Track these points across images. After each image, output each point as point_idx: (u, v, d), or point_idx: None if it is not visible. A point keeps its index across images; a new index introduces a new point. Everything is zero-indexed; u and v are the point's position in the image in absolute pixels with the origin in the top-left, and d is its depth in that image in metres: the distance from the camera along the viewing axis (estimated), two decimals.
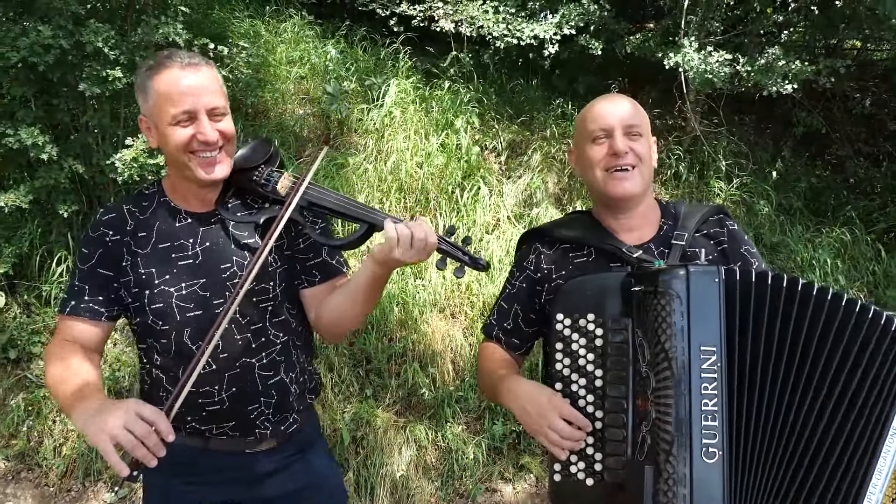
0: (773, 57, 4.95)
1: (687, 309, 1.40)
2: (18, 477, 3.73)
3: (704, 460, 1.35)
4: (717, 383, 1.37)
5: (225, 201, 1.72)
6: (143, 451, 1.35)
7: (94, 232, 1.71)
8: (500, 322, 1.81)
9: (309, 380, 1.86)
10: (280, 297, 1.75)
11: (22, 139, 3.74)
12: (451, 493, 3.81)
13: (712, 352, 1.38)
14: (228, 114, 1.66)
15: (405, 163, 5.08)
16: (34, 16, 3.89)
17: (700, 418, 1.36)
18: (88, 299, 1.69)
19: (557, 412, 1.48)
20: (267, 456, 1.78)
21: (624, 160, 1.64)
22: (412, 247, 1.50)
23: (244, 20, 5.92)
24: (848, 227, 5.55)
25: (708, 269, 1.44)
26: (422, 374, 4.17)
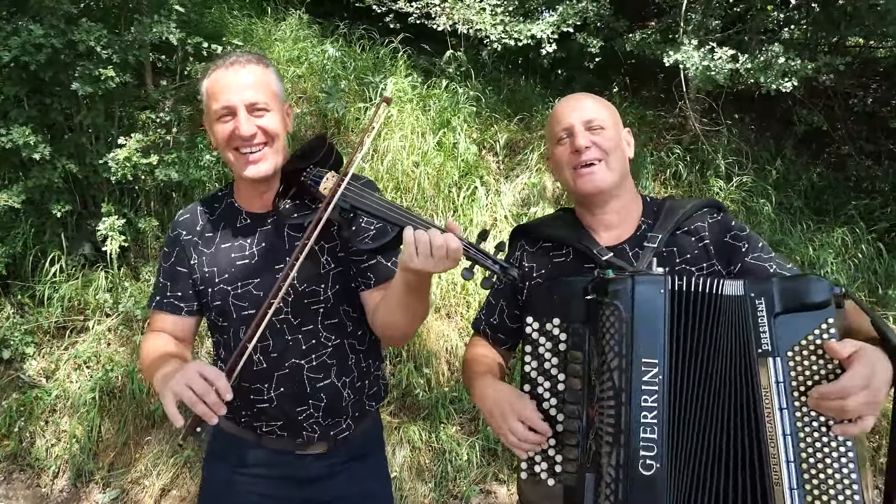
0: (772, 54, 4.90)
1: (631, 320, 1.40)
2: (10, 478, 3.72)
3: (641, 472, 1.35)
4: (657, 395, 1.37)
5: (283, 202, 1.71)
6: (202, 408, 1.39)
7: (173, 232, 1.82)
8: (488, 317, 1.82)
9: (369, 385, 1.83)
10: (332, 299, 1.73)
11: (14, 139, 3.74)
12: (445, 494, 3.78)
13: (654, 364, 1.38)
14: (272, 111, 1.66)
15: (401, 162, 5.05)
16: (26, 15, 3.88)
17: (639, 430, 1.36)
18: (170, 295, 1.79)
19: (517, 415, 1.50)
20: (316, 460, 1.77)
21: (586, 155, 1.62)
22: (432, 255, 1.41)
23: (241, 19, 5.91)
24: (849, 226, 5.49)
25: (653, 280, 1.42)
26: (416, 375, 4.14)
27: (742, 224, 1.67)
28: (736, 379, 1.38)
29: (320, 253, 1.72)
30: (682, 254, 1.63)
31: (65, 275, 4.17)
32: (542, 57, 5.75)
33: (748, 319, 1.37)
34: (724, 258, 1.62)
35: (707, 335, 1.40)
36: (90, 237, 4.29)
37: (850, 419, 1.29)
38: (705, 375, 1.39)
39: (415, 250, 1.41)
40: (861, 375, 1.27)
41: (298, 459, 1.76)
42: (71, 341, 4.08)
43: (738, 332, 1.38)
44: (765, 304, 1.37)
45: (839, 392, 1.27)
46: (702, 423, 1.38)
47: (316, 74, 5.72)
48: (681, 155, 5.78)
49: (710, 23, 5.42)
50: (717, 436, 1.38)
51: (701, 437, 1.38)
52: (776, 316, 1.36)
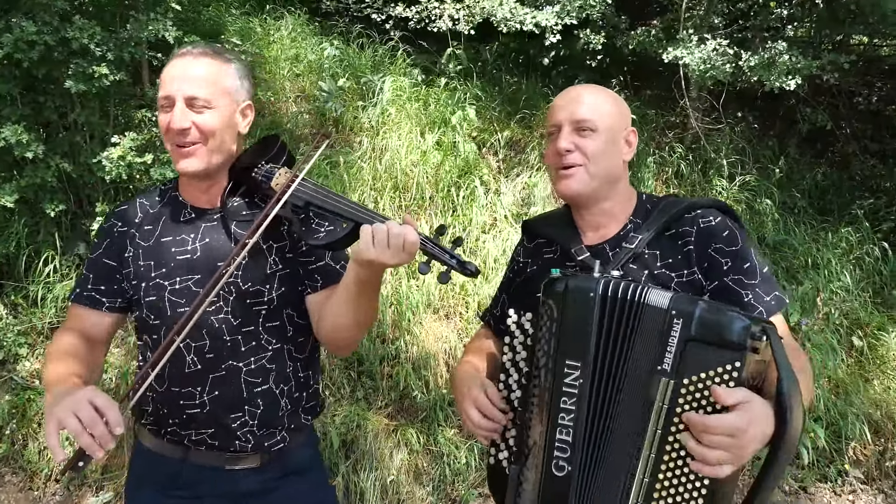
0: (776, 52, 4.84)
1: (560, 321, 1.40)
2: (3, 480, 3.67)
3: (554, 472, 1.39)
4: (575, 399, 1.38)
5: (231, 199, 1.67)
6: (87, 440, 1.30)
7: (106, 223, 1.75)
8: (492, 308, 1.85)
9: (307, 398, 1.75)
10: (277, 301, 1.66)
11: (6, 137, 3.69)
12: (443, 498, 3.72)
13: (576, 367, 1.38)
14: (215, 108, 1.59)
15: (400, 161, 5.00)
16: (19, 12, 3.84)
17: (556, 431, 1.39)
18: (91, 288, 1.71)
19: (472, 401, 1.51)
20: (248, 475, 1.68)
21: (567, 159, 1.56)
22: (389, 245, 1.38)
23: (239, 18, 5.87)
24: (854, 226, 5.44)
25: (584, 283, 1.40)
26: (414, 377, 4.09)
27: (736, 234, 1.54)
28: (637, 391, 1.35)
29: (268, 253, 1.66)
30: (664, 258, 1.55)
31: (59, 275, 4.12)
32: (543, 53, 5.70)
33: (660, 335, 1.32)
34: (705, 269, 1.53)
35: (628, 343, 1.36)
36: (85, 237, 4.24)
37: (706, 460, 1.23)
38: (619, 383, 1.36)
39: (371, 240, 1.39)
40: (732, 423, 1.21)
41: (229, 475, 1.67)
42: None
43: (649, 345, 1.34)
44: (681, 325, 1.30)
45: (700, 425, 1.23)
46: (610, 432, 1.37)
47: (314, 73, 5.68)
48: (683, 154, 5.73)
49: (713, 20, 5.36)
50: (616, 443, 1.37)
51: (608, 445, 1.37)
52: (689, 341, 1.29)
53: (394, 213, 4.81)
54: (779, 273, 5.10)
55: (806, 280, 4.98)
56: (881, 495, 4.00)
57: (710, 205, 1.62)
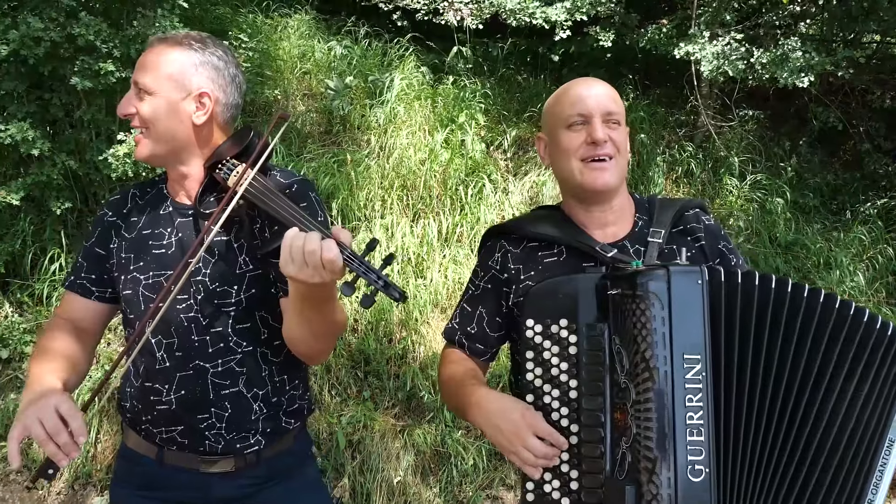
0: (788, 48, 4.79)
1: (668, 313, 1.28)
2: (7, 479, 3.66)
3: (690, 478, 1.24)
4: (702, 394, 1.26)
5: (204, 196, 1.62)
6: (52, 448, 1.32)
7: (100, 211, 1.75)
8: (463, 326, 1.66)
9: (287, 402, 1.68)
10: (246, 302, 1.59)
11: (13, 134, 3.68)
12: (450, 499, 3.68)
13: (696, 360, 1.27)
14: (155, 94, 1.53)
15: (408, 159, 4.97)
16: (26, 8, 3.82)
17: (685, 433, 1.24)
18: (84, 276, 1.70)
19: (532, 430, 1.35)
20: (223, 480, 1.63)
21: (603, 150, 1.51)
22: (307, 263, 1.25)
23: (247, 16, 5.85)
24: (867, 225, 5.37)
25: (690, 270, 1.32)
26: (421, 377, 4.05)
27: (726, 233, 1.66)
28: (844, 413, 1.31)
29: (238, 252, 1.59)
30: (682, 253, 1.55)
31: (65, 273, 4.10)
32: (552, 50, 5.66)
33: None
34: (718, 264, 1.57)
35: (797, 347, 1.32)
36: None
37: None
38: (764, 378, 1.31)
39: (289, 255, 1.27)
40: None
41: (205, 478, 1.62)
42: None
43: (878, 372, 1.32)
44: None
45: None
46: (757, 430, 1.30)
47: (322, 71, 5.66)
48: (693, 152, 5.67)
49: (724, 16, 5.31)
50: (783, 450, 1.31)
51: (755, 444, 1.30)
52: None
53: (401, 211, 4.78)
54: (791, 273, 5.04)
55: (818, 280, 4.92)
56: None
57: (700, 205, 1.68)
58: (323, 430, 3.77)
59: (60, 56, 3.85)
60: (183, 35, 1.60)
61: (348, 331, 4.26)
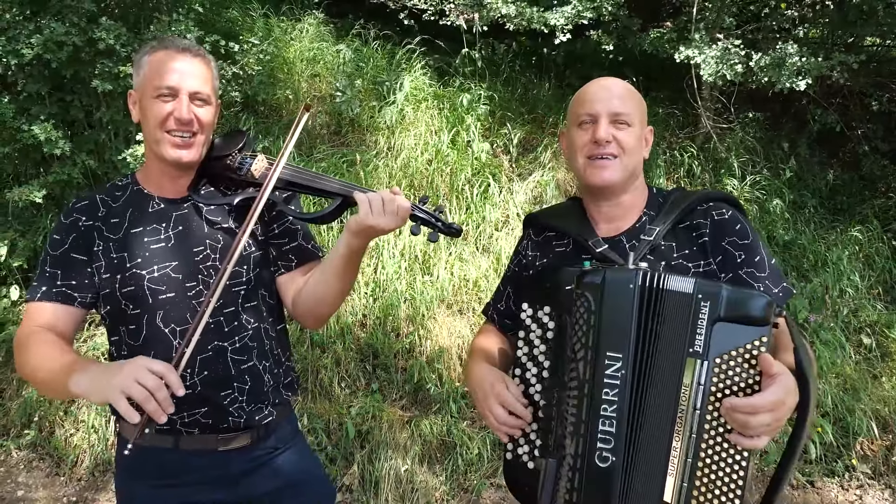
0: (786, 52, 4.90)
1: (599, 313, 1.42)
2: (30, 466, 3.80)
3: (598, 463, 1.39)
4: (618, 391, 1.39)
5: (198, 188, 1.77)
6: (153, 405, 1.36)
7: (67, 218, 1.73)
8: (496, 303, 1.87)
9: (284, 374, 1.84)
10: (254, 282, 1.75)
11: (35, 134, 3.82)
12: (455, 487, 3.81)
13: (617, 359, 1.40)
14: (212, 105, 1.71)
15: (415, 160, 5.09)
16: (48, 14, 3.97)
17: (598, 422, 1.39)
18: (61, 283, 1.68)
19: (497, 399, 1.55)
20: (240, 454, 1.74)
21: (605, 149, 1.60)
22: (385, 212, 1.55)
23: (259, 19, 5.98)
24: (864, 225, 5.48)
25: (623, 275, 1.43)
26: (428, 370, 4.18)
27: (747, 228, 1.62)
28: (667, 375, 1.40)
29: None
30: (681, 249, 1.61)
31: None
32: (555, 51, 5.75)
33: (688, 319, 1.39)
34: (720, 262, 1.59)
35: (659, 330, 1.42)
36: None
37: (749, 434, 1.33)
38: (654, 370, 1.41)
39: (370, 208, 1.55)
40: (773, 398, 1.31)
41: (222, 456, 1.73)
42: (89, 334, 4.15)
43: (678, 330, 1.40)
44: (709, 307, 1.38)
45: (748, 408, 1.31)
46: (647, 419, 1.41)
47: (331, 74, 5.79)
48: (694, 153, 5.78)
49: (724, 20, 5.41)
50: (654, 431, 1.41)
51: (647, 432, 1.41)
52: (716, 322, 1.37)
53: None
54: (788, 272, 5.15)
55: (815, 278, 5.03)
56: (888, 490, 4.05)
57: (721, 198, 1.69)
58: (333, 421, 3.91)
59: (81, 59, 3.99)
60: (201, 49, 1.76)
61: (357, 326, 4.39)
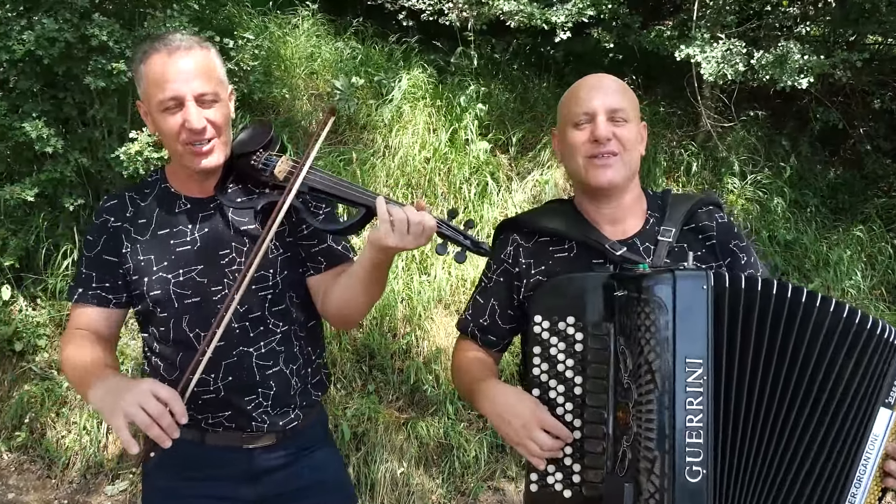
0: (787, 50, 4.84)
1: (672, 318, 1.31)
2: (22, 468, 3.75)
3: (688, 479, 1.28)
4: (702, 398, 1.29)
5: (224, 187, 1.67)
6: (157, 431, 1.35)
7: (98, 219, 1.72)
8: (476, 318, 1.71)
9: (313, 374, 1.78)
10: (281, 285, 1.68)
11: (27, 132, 3.77)
12: (452, 490, 3.76)
13: (698, 364, 1.30)
14: (221, 101, 1.59)
15: (413, 158, 5.04)
16: (40, 10, 3.91)
17: (684, 435, 1.28)
18: (96, 286, 1.68)
19: (539, 423, 1.40)
20: (266, 452, 1.72)
21: (606, 147, 1.52)
22: (409, 232, 1.41)
23: (255, 16, 5.93)
24: (866, 224, 5.43)
25: (696, 275, 1.34)
26: (425, 371, 4.13)
27: (740, 231, 1.65)
28: (832, 412, 1.35)
29: None
30: (693, 250, 1.56)
31: None
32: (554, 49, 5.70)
33: (887, 368, 1.36)
34: (728, 263, 1.59)
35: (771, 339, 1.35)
36: None
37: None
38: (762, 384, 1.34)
39: (390, 227, 1.41)
40: None
41: (247, 453, 1.70)
42: None
43: (864, 372, 1.36)
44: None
45: None
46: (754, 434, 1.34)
47: (329, 71, 5.74)
48: (695, 152, 5.73)
49: (725, 18, 5.36)
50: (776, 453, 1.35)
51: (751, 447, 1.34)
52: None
53: None
54: (790, 272, 5.10)
55: (817, 278, 4.98)
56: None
57: (714, 202, 1.67)
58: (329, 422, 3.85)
59: (74, 56, 3.94)
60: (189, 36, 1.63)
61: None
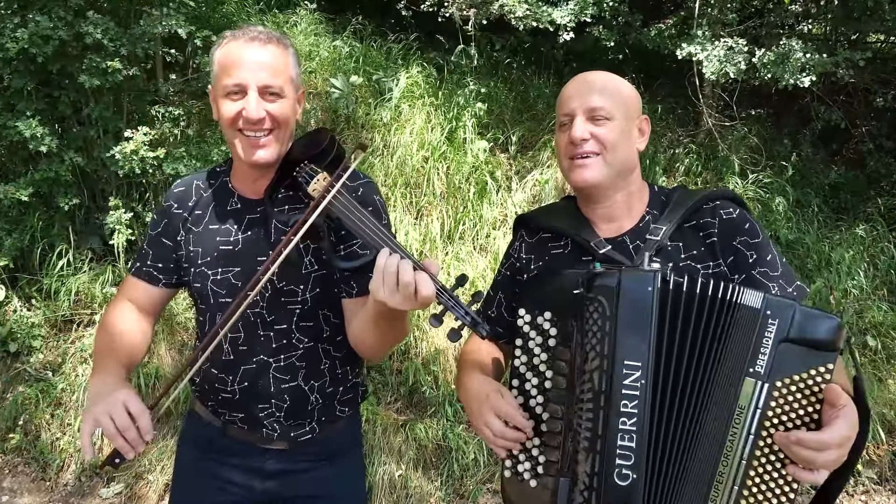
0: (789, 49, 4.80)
1: (615, 318, 1.29)
2: (16, 471, 3.71)
3: (617, 482, 1.26)
4: (637, 401, 1.26)
5: (276, 192, 1.63)
6: (121, 442, 1.40)
7: (165, 202, 1.76)
8: (486, 309, 1.73)
9: (345, 392, 1.75)
10: (310, 302, 1.64)
11: (21, 131, 3.73)
12: (451, 493, 3.72)
13: (636, 367, 1.27)
14: (287, 98, 1.57)
15: (411, 157, 5.00)
16: (34, 7, 3.88)
17: (616, 437, 1.26)
18: (150, 264, 1.75)
19: (493, 410, 1.42)
20: (278, 455, 1.73)
21: (582, 148, 1.49)
22: (398, 290, 1.28)
23: (254, 14, 5.89)
24: (868, 224, 5.39)
25: (642, 276, 1.31)
26: (423, 373, 4.09)
27: (756, 227, 1.53)
28: (719, 392, 1.30)
29: (305, 253, 1.63)
30: (688, 249, 1.51)
31: (72, 268, 4.16)
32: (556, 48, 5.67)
33: (753, 335, 1.29)
34: (731, 262, 1.50)
35: (704, 340, 1.31)
36: (98, 231, 4.28)
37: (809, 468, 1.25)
38: (695, 385, 1.30)
39: (382, 280, 1.29)
40: (841, 434, 1.22)
41: (261, 453, 1.73)
42: (78, 335, 4.07)
43: (738, 345, 1.29)
44: (777, 326, 1.28)
45: (816, 444, 1.22)
46: (685, 436, 1.30)
47: (327, 70, 5.70)
48: (695, 151, 5.70)
49: (727, 16, 5.32)
50: (689, 448, 1.31)
51: (678, 448, 1.31)
52: (782, 342, 1.28)
53: (405, 209, 4.82)
54: None
55: (819, 278, 4.94)
56: (894, 496, 3.96)
57: (726, 196, 1.59)
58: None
59: (69, 54, 3.91)
60: (276, 33, 1.61)
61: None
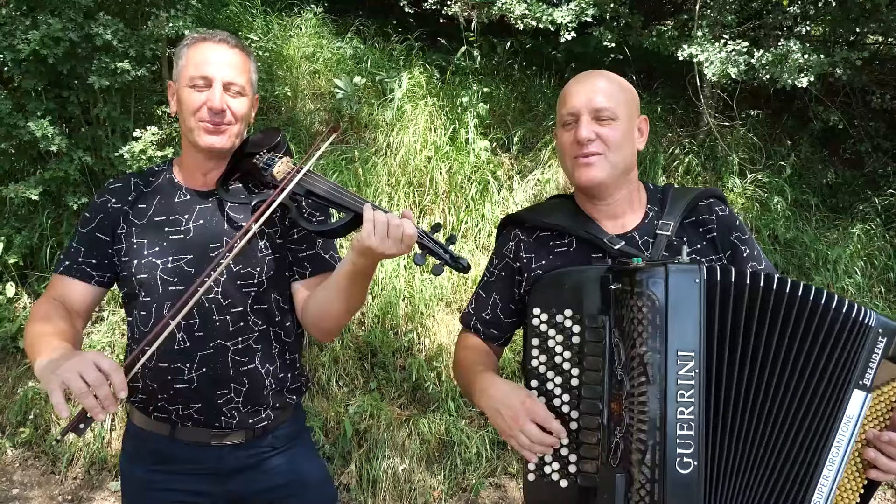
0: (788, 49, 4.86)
1: (665, 312, 1.33)
2: (26, 465, 3.78)
3: (679, 471, 1.29)
4: (693, 390, 1.31)
5: (227, 183, 1.75)
6: (91, 401, 1.31)
7: (99, 199, 1.77)
8: (479, 312, 1.74)
9: (292, 379, 1.81)
10: (265, 284, 1.72)
11: (32, 131, 3.79)
12: (454, 487, 3.78)
13: (690, 357, 1.32)
14: (246, 96, 1.70)
15: (414, 157, 5.07)
16: (45, 9, 3.94)
17: (675, 427, 1.30)
18: (82, 261, 1.73)
19: (529, 415, 1.42)
20: (234, 451, 1.73)
21: (588, 148, 1.53)
22: (389, 235, 1.45)
23: (258, 16, 5.96)
24: (866, 223, 5.44)
25: (688, 269, 1.36)
26: (426, 369, 4.15)
27: (742, 224, 1.65)
28: (811, 395, 1.37)
29: (259, 236, 1.72)
30: (692, 244, 1.58)
31: None
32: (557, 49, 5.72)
33: (861, 349, 1.38)
34: (729, 256, 1.60)
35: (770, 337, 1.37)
36: None
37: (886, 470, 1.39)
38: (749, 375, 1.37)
39: (373, 228, 1.45)
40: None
41: (216, 451, 1.72)
42: (86, 331, 4.13)
43: (839, 354, 1.38)
44: (884, 344, 1.38)
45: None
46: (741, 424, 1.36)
47: (331, 71, 5.76)
48: (695, 151, 5.76)
49: (726, 17, 5.38)
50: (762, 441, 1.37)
51: (739, 437, 1.36)
52: (886, 359, 1.39)
53: (407, 208, 4.88)
54: (790, 270, 5.12)
55: (817, 276, 5.00)
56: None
57: (715, 195, 1.68)
58: (331, 419, 3.88)
59: (78, 55, 3.97)
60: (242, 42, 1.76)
61: (356, 324, 4.37)
